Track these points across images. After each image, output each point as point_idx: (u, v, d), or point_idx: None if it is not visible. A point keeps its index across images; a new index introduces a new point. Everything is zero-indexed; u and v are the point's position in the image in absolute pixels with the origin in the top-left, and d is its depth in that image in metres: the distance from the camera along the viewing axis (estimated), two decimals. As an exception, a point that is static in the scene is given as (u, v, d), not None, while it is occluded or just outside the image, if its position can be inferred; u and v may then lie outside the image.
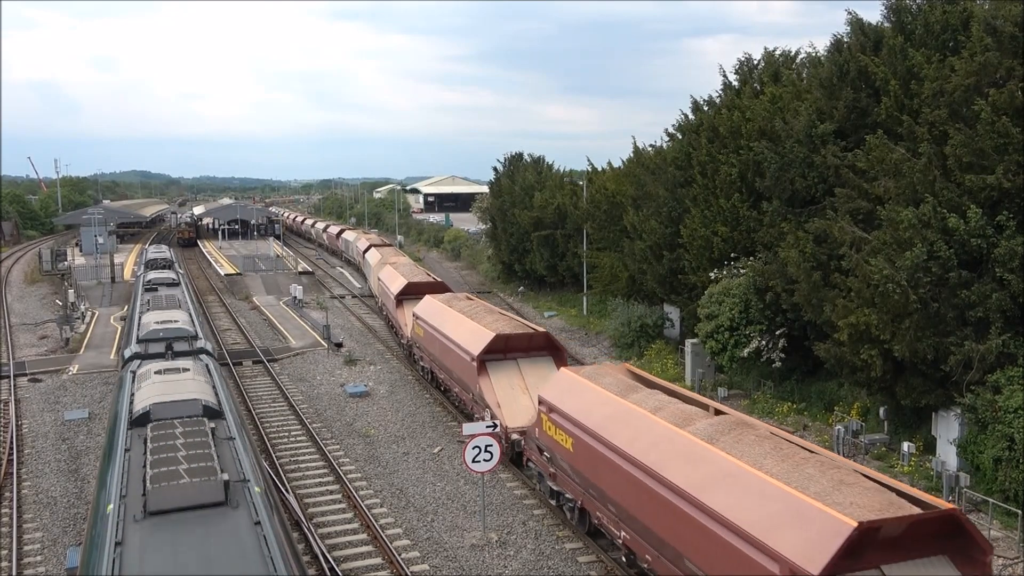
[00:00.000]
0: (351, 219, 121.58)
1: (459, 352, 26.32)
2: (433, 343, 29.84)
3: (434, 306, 31.60)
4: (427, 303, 32.59)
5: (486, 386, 24.27)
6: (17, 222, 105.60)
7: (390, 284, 41.70)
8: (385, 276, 44.58)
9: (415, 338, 33.10)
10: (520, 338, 25.27)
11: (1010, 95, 20.52)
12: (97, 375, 33.53)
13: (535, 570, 17.72)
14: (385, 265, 47.78)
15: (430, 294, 34.68)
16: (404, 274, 42.43)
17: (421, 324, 31.68)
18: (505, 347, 25.00)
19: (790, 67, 33.53)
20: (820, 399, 28.16)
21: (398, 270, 44.00)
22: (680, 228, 33.83)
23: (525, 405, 23.34)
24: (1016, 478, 19.31)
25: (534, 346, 25.41)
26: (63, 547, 18.52)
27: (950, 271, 20.75)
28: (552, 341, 25.83)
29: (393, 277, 42.52)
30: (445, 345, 28.09)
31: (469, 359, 25.09)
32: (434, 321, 30.09)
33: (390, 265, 46.68)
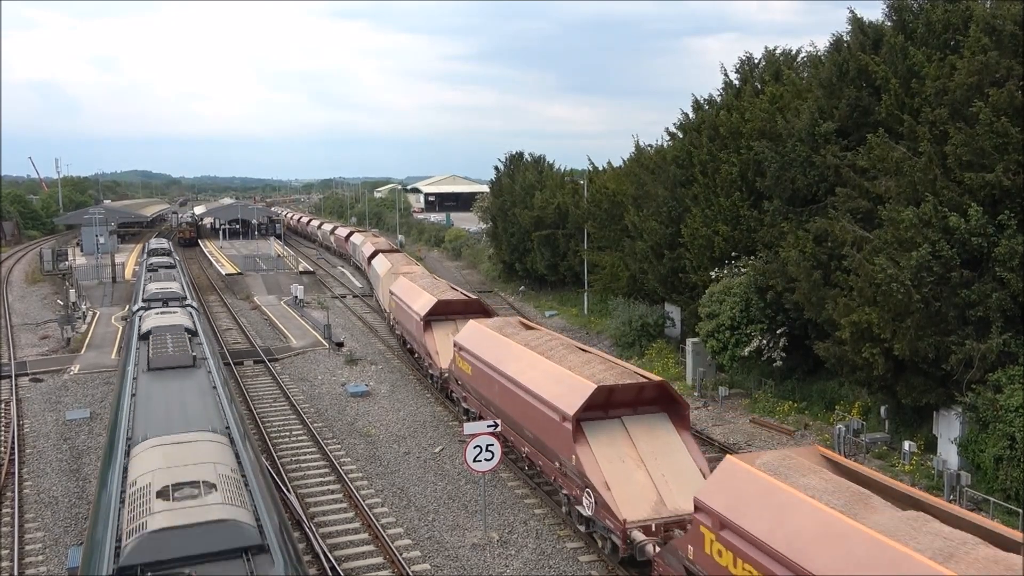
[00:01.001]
0: (352, 219, 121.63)
1: (539, 406, 19.68)
2: (489, 385, 23.37)
3: (485, 336, 25.22)
4: (474, 331, 26.13)
5: (586, 456, 17.60)
6: (18, 222, 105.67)
7: (411, 301, 34.40)
8: (402, 291, 37.51)
9: (457, 373, 26.84)
10: (627, 390, 18.49)
11: (1009, 95, 20.52)
12: (98, 375, 33.56)
13: (536, 569, 17.73)
14: (398, 276, 41.67)
15: (464, 314, 30.95)
16: (428, 288, 35.36)
17: (467, 358, 25.33)
18: (607, 401, 18.50)
19: (791, 66, 33.52)
20: (821, 398, 28.16)
21: (417, 283, 37.43)
22: (681, 227, 33.83)
23: (642, 484, 17.18)
24: (1017, 477, 19.31)
25: (644, 399, 18.83)
26: (64, 547, 18.54)
27: (952, 270, 20.75)
28: (668, 391, 19.05)
29: (414, 293, 35.39)
30: (512, 392, 21.51)
31: (559, 418, 18.48)
32: (488, 356, 23.67)
33: (405, 277, 40.26)
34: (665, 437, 18.32)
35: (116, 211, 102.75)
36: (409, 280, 38.76)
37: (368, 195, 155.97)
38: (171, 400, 15.97)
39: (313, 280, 64.96)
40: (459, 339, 26.53)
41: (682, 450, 18.06)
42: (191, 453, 12.02)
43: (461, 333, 27.05)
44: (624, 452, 17.79)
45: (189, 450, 12.17)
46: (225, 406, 15.90)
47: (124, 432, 13.85)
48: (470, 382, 25.44)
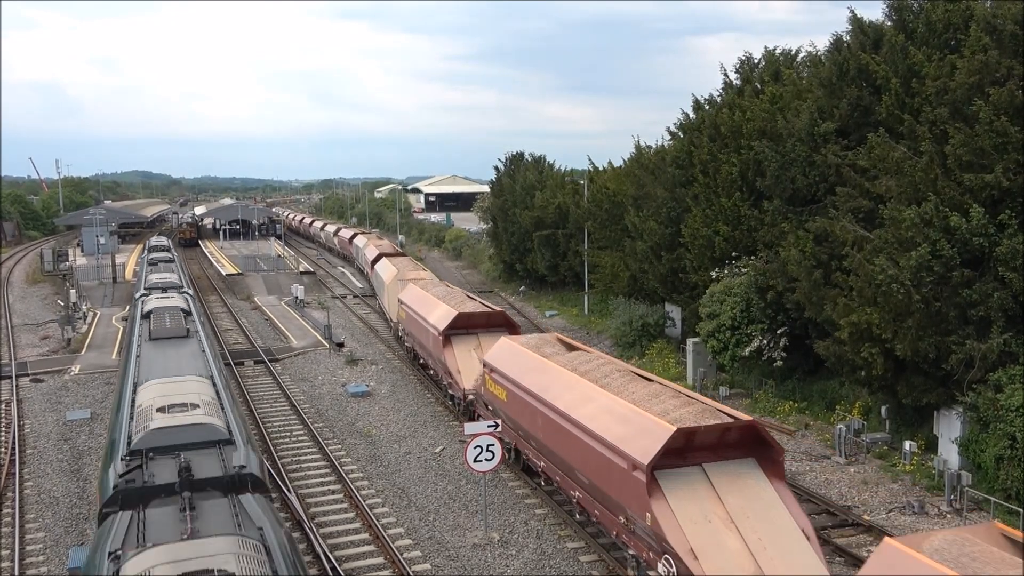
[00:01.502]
0: (352, 219, 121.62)
1: (599, 449, 16.53)
2: (529, 416, 20.28)
3: (521, 356, 22.06)
4: (507, 350, 23.11)
5: (663, 515, 14.57)
6: (19, 222, 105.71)
7: (426, 313, 31.42)
8: (414, 300, 34.37)
9: (488, 398, 23.70)
10: (711, 431, 15.52)
11: (1010, 94, 20.51)
12: (99, 375, 33.56)
13: (537, 570, 17.73)
14: (407, 284, 38.96)
15: (486, 327, 28.69)
16: (443, 298, 32.47)
17: (500, 381, 22.19)
18: (686, 446, 15.39)
19: (790, 66, 33.52)
20: (822, 398, 28.15)
21: (430, 291, 34.55)
22: (681, 228, 33.83)
23: (735, 551, 14.16)
24: (1018, 477, 19.30)
25: (729, 442, 15.69)
26: (65, 547, 18.54)
27: (952, 270, 20.74)
28: (758, 433, 15.78)
29: (428, 303, 32.47)
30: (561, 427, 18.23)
31: (627, 466, 15.53)
32: (528, 381, 20.52)
33: (415, 284, 37.67)
34: (756, 489, 15.17)
35: (116, 212, 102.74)
36: (420, 288, 35.74)
37: (368, 195, 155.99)
38: (168, 358, 19.55)
39: (313, 280, 64.97)
40: (490, 359, 23.40)
41: (778, 506, 14.95)
42: (182, 388, 16.15)
43: (492, 352, 23.82)
44: (709, 509, 14.78)
45: (180, 386, 16.29)
46: (210, 362, 19.75)
47: (132, 377, 17.95)
48: (504, 409, 22.14)
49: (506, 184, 60.93)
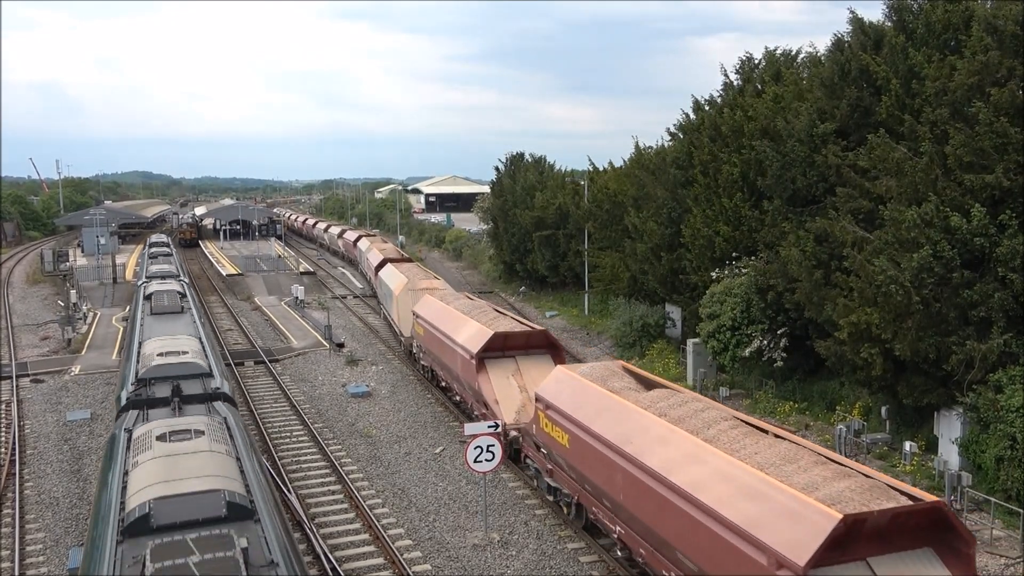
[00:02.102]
0: (352, 219, 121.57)
1: (722, 533, 12.62)
2: (605, 471, 16.50)
3: (587, 394, 18.11)
4: (567, 384, 19.05)
5: None
6: (19, 223, 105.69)
7: (453, 332, 27.45)
8: (434, 315, 30.50)
9: (542, 439, 19.80)
10: (883, 516, 11.45)
11: (1010, 95, 20.51)
12: (99, 376, 33.56)
13: (537, 570, 17.72)
14: (420, 295, 35.67)
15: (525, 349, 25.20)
16: (471, 313, 28.58)
17: (561, 422, 18.39)
18: (849, 534, 11.44)
19: (791, 66, 33.53)
20: (822, 398, 28.14)
21: (453, 305, 30.76)
22: (681, 228, 33.84)
23: None
24: (1018, 477, 19.29)
25: (905, 528, 11.73)
26: (65, 548, 18.54)
27: (953, 271, 20.74)
28: (943, 516, 11.95)
29: (453, 320, 28.54)
30: (655, 493, 14.54)
31: (770, 563, 11.56)
32: (602, 428, 16.70)
33: (432, 296, 33.91)
34: None
35: (117, 212, 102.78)
36: (439, 301, 31.95)
37: (369, 196, 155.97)
38: (165, 326, 24.07)
39: (314, 281, 64.97)
40: (546, 394, 19.28)
41: None
42: (176, 342, 21.16)
43: (548, 386, 19.72)
44: None
45: (175, 341, 21.35)
46: (199, 327, 24.55)
47: (138, 337, 22.60)
48: (565, 456, 18.42)
49: (506, 184, 60.93)
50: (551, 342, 25.88)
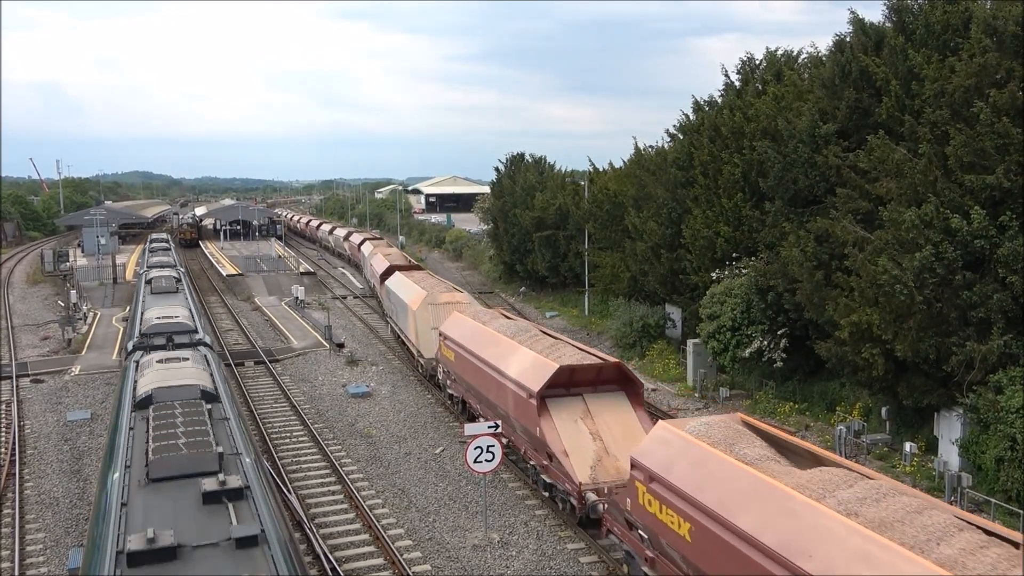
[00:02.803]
0: (352, 219, 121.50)
1: None
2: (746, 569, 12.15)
3: (705, 460, 13.94)
4: (676, 446, 14.75)
5: None
6: (19, 223, 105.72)
7: (501, 363, 22.60)
8: (469, 338, 25.96)
9: (643, 519, 15.29)
10: None
11: (1011, 96, 20.51)
12: (99, 376, 33.56)
13: (537, 570, 17.72)
14: (448, 311, 31.18)
15: (594, 385, 20.71)
16: (521, 338, 23.71)
17: (673, 501, 14.11)
18: None
19: (792, 67, 33.53)
20: (822, 399, 28.14)
21: (493, 327, 25.74)
22: (682, 228, 33.84)
23: None
24: (1018, 478, 19.29)
25: None
26: (65, 548, 18.54)
27: (954, 272, 20.74)
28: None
29: (498, 346, 23.78)
30: None
31: None
32: (741, 514, 12.40)
33: (462, 313, 29.12)
34: None
35: (117, 212, 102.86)
36: (473, 320, 27.34)
37: (369, 196, 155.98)
38: (163, 301, 29.08)
39: (314, 281, 64.97)
40: (648, 460, 14.97)
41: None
42: (171, 310, 26.15)
43: (649, 448, 15.33)
44: None
45: (170, 309, 26.35)
46: (191, 301, 30.39)
47: (141, 308, 27.60)
48: (690, 556, 13.66)
49: (506, 185, 60.94)
50: (625, 376, 21.10)
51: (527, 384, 20.55)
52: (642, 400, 21.00)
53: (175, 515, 10.13)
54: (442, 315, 31.35)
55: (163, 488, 11.09)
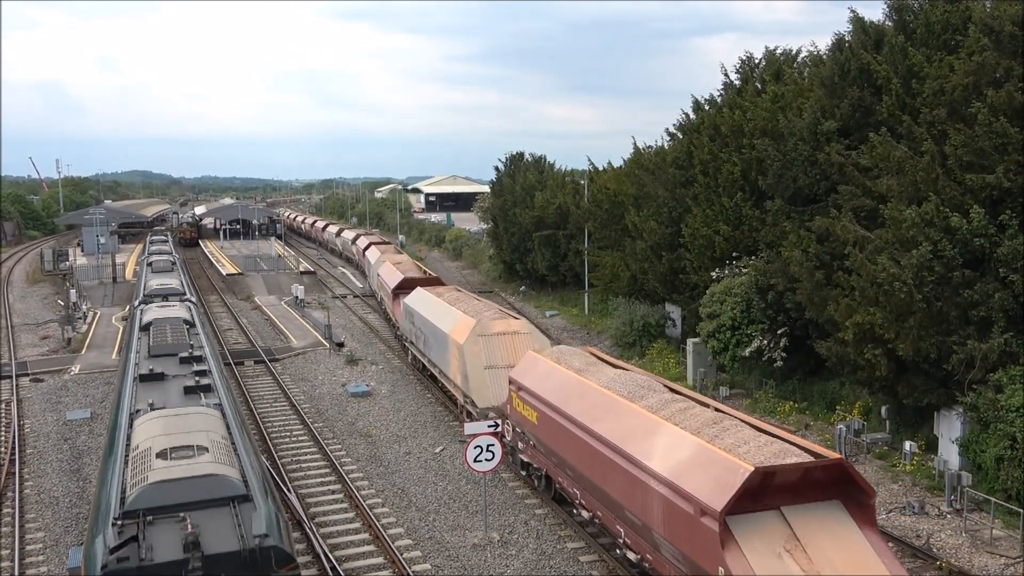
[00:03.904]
0: (352, 219, 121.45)
1: None
2: None
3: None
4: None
5: None
6: (19, 222, 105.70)
7: (631, 444, 15.66)
8: (562, 394, 18.93)
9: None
10: None
11: (1008, 95, 20.50)
12: (99, 375, 33.55)
13: (537, 570, 17.72)
14: (507, 344, 25.86)
15: (803, 491, 13.17)
16: (658, 406, 16.44)
17: None
18: None
19: (791, 66, 33.52)
20: (822, 398, 28.14)
21: (598, 380, 18.59)
22: (681, 228, 33.83)
23: None
24: (1018, 477, 19.29)
25: None
26: (65, 547, 18.53)
27: (953, 270, 20.74)
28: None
29: (629, 419, 16.35)
30: None
31: None
32: None
33: (541, 355, 21.62)
34: None
35: (117, 211, 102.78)
36: (563, 368, 19.85)
37: (369, 195, 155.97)
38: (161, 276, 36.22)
39: (314, 280, 64.96)
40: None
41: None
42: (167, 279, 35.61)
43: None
44: None
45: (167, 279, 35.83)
46: (182, 276, 37.82)
47: (144, 280, 35.82)
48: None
49: (506, 184, 60.93)
50: (845, 477, 13.34)
51: (696, 494, 13.21)
52: (872, 515, 13.33)
53: (163, 368, 19.01)
54: (497, 350, 25.53)
55: (158, 359, 19.93)
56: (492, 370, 25.04)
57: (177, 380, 17.87)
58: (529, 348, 24.45)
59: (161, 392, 16.94)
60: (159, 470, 11.59)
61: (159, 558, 9.59)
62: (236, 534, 10.28)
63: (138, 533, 10.10)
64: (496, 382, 24.65)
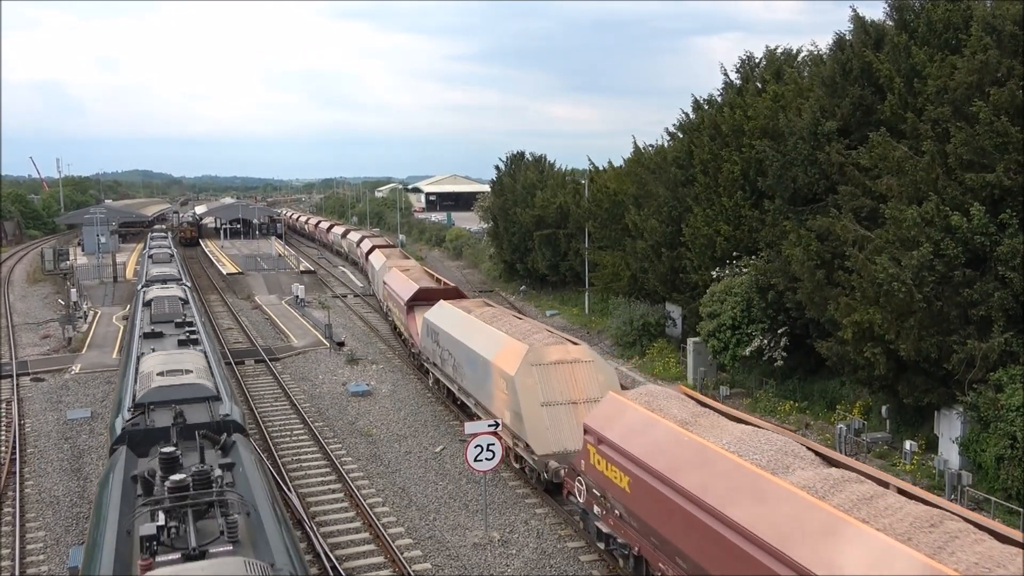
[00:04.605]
0: (352, 218, 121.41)
1: None
2: None
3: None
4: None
5: None
6: (19, 222, 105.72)
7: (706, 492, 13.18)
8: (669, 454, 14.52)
9: None
10: None
11: (1010, 94, 20.50)
12: (99, 374, 33.56)
13: (537, 569, 17.72)
14: (568, 373, 21.67)
15: None
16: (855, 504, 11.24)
17: None
18: None
19: (792, 65, 33.50)
20: (822, 398, 28.14)
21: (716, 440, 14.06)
22: (682, 227, 33.82)
23: None
24: (1018, 476, 19.29)
25: None
26: (65, 546, 18.54)
27: (954, 269, 20.73)
28: None
29: (787, 504, 11.78)
30: None
31: None
32: None
33: (626, 399, 17.15)
34: None
35: (117, 211, 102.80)
36: (661, 419, 15.56)
37: (369, 195, 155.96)
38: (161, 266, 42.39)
39: (314, 279, 64.97)
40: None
41: None
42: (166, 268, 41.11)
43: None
44: None
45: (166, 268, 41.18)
46: (179, 266, 44.87)
47: (146, 269, 42.14)
48: None
49: (507, 183, 60.92)
50: None
51: None
52: None
53: (162, 329, 22.92)
54: (556, 382, 21.32)
55: (158, 324, 23.88)
56: (550, 407, 20.89)
57: (172, 337, 22.04)
58: (594, 379, 21.32)
59: (160, 343, 21.19)
60: (158, 381, 16.35)
61: (158, 424, 14.26)
62: (208, 414, 15.00)
63: (145, 413, 14.94)
64: (556, 423, 20.66)
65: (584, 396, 21.34)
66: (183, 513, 10.02)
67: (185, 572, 8.58)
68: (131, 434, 13.95)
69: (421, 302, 35.09)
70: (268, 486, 12.20)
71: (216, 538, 9.54)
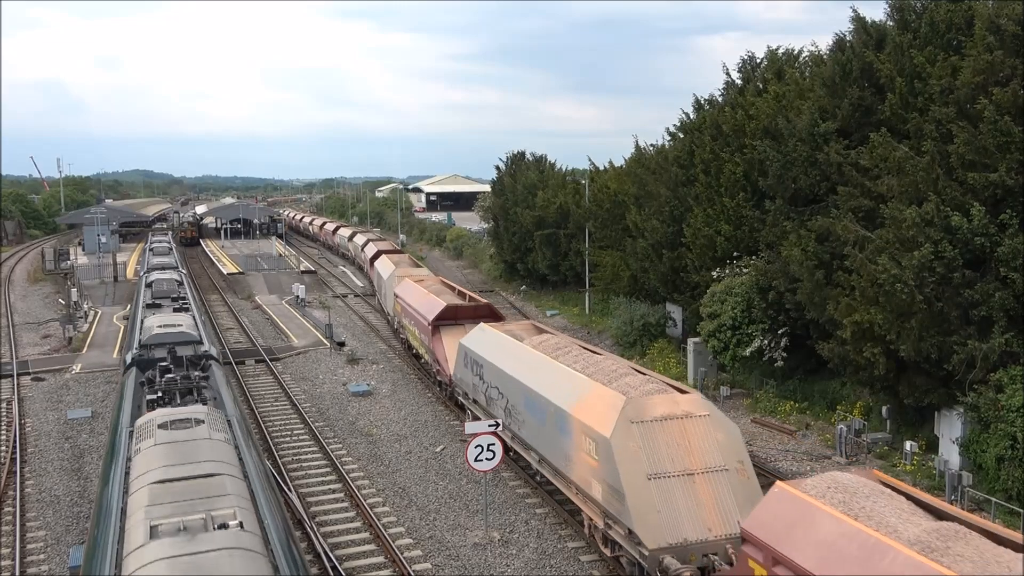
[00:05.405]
0: (353, 218, 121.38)
1: None
2: None
3: None
4: None
5: None
6: (20, 221, 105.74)
7: None
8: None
9: None
10: None
11: (1013, 94, 20.49)
12: (100, 374, 33.57)
13: (537, 569, 17.72)
14: (676, 430, 16.26)
15: None
16: None
17: None
18: None
19: (793, 65, 33.48)
20: (823, 398, 28.14)
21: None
22: (683, 227, 33.81)
23: None
24: (1019, 477, 19.29)
25: None
26: (66, 546, 18.54)
27: (954, 270, 20.72)
28: None
29: None
30: None
31: None
32: None
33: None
34: None
35: (118, 210, 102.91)
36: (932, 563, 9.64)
37: (370, 194, 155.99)
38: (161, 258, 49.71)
39: (315, 279, 64.97)
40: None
41: None
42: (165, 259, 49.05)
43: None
44: None
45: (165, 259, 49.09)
46: (176, 259, 51.59)
47: (146, 263, 48.15)
48: None
49: (507, 183, 60.92)
50: None
51: None
52: None
53: (161, 303, 28.39)
54: (664, 445, 16.13)
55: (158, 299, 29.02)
56: (660, 481, 15.70)
57: (169, 307, 27.92)
58: (712, 439, 16.22)
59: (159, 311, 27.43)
60: (158, 330, 22.79)
61: (157, 356, 19.82)
62: (193, 351, 20.89)
63: (148, 349, 21.14)
64: (669, 503, 15.41)
65: (702, 465, 15.93)
66: (173, 392, 16.41)
67: (174, 410, 14.30)
68: (139, 362, 19.70)
69: (447, 321, 30.71)
70: (230, 387, 18.84)
71: (194, 402, 15.72)
